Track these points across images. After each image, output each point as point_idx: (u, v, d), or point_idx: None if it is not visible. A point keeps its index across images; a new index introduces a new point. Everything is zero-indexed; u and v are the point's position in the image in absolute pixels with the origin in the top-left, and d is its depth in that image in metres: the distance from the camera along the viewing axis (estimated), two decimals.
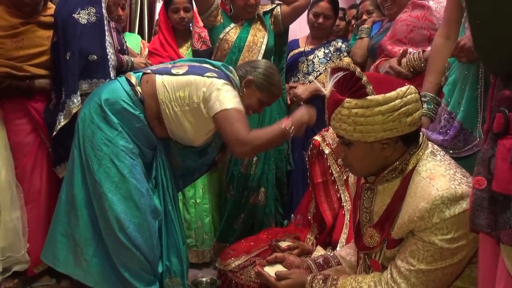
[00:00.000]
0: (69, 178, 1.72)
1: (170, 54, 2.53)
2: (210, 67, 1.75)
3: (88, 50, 1.93)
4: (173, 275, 1.78)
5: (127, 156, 1.65)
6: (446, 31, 1.47)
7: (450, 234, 1.01)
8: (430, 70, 1.47)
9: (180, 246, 1.80)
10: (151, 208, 1.70)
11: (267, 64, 1.84)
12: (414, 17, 1.80)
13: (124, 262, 1.66)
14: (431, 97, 1.43)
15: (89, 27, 1.94)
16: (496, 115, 0.83)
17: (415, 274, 1.07)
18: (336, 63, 1.13)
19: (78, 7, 1.95)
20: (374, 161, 1.14)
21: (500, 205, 0.82)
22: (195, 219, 2.45)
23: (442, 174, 1.06)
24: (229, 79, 1.71)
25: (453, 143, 1.23)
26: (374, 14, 2.68)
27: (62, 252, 1.70)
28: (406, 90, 1.06)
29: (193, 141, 1.77)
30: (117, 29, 2.34)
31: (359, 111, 1.05)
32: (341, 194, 1.78)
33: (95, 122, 1.66)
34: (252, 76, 1.76)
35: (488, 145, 0.86)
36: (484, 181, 0.86)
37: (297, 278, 1.31)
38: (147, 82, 1.71)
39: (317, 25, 2.58)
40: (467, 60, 1.30)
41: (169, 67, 1.78)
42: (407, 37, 1.81)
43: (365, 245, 1.20)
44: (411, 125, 1.07)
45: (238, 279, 1.67)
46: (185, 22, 2.56)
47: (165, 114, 1.69)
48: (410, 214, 1.06)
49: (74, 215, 1.69)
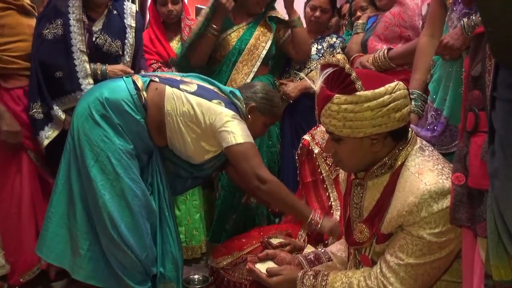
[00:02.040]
0: (66, 171, 1.69)
1: (159, 50, 2.50)
2: (218, 93, 1.75)
3: (54, 67, 1.93)
4: (167, 281, 1.77)
5: (124, 155, 1.64)
6: (431, 30, 1.49)
7: (438, 228, 1.03)
8: (416, 68, 1.50)
9: (175, 253, 1.79)
10: (146, 209, 1.69)
11: (265, 88, 1.87)
12: (392, 14, 1.84)
13: (117, 258, 1.66)
14: (418, 94, 1.45)
15: (54, 42, 1.93)
16: (468, 114, 0.85)
17: (404, 268, 1.08)
18: (326, 59, 1.13)
19: (47, 22, 1.95)
20: (363, 156, 1.15)
21: (476, 200, 0.85)
22: (185, 215, 2.45)
23: (430, 169, 1.07)
24: (237, 108, 1.72)
25: (440, 139, 1.26)
26: (368, 10, 2.68)
27: (59, 244, 1.67)
28: (395, 86, 1.07)
29: (191, 158, 1.78)
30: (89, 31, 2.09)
31: (348, 107, 1.06)
32: (330, 193, 1.79)
33: (94, 118, 1.64)
34: (254, 102, 1.79)
35: (463, 142, 0.89)
36: (463, 177, 0.89)
37: (288, 274, 1.32)
38: (156, 90, 1.70)
39: (313, 18, 2.52)
40: (450, 58, 1.32)
41: (178, 80, 1.76)
42: (383, 34, 1.86)
43: (355, 240, 1.21)
44: (400, 121, 1.08)
45: (230, 276, 1.67)
46: (173, 15, 2.51)
47: (169, 126, 1.69)
48: (399, 209, 1.07)
49: (72, 208, 1.67)
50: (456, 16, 1.34)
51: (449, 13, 1.36)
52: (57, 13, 1.96)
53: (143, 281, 1.71)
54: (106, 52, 2.06)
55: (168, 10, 2.48)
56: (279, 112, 1.91)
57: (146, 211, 1.69)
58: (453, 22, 1.35)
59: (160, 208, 1.78)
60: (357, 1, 2.73)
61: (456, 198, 0.89)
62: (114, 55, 2.09)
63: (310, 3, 2.53)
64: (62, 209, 1.69)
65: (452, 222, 0.93)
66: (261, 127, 1.85)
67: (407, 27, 1.69)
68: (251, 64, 2.31)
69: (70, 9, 1.96)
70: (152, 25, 2.57)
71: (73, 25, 1.95)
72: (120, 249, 1.63)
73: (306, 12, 2.57)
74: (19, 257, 2.00)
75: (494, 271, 0.77)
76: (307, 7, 2.56)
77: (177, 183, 1.92)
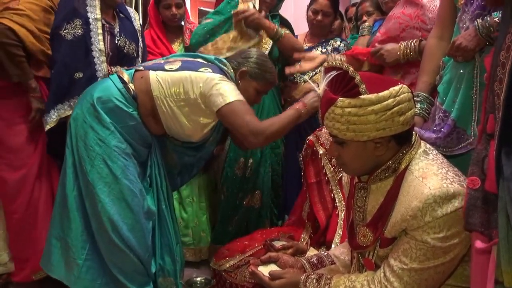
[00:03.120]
0: (62, 179, 1.70)
1: (162, 51, 2.50)
2: (203, 62, 1.74)
3: (74, 69, 1.91)
4: (166, 275, 1.78)
5: (120, 156, 1.64)
6: (440, 32, 1.47)
7: (442, 233, 1.02)
8: (423, 70, 1.48)
9: (173, 246, 1.80)
10: (145, 209, 1.69)
11: (258, 52, 1.84)
12: (407, 16, 1.77)
13: (117, 263, 1.65)
14: (425, 97, 1.44)
15: (74, 42, 1.92)
16: (489, 117, 0.84)
17: (408, 273, 1.07)
18: (329, 62, 1.12)
19: (64, 22, 1.93)
20: (367, 160, 1.14)
21: (492, 204, 0.83)
22: (192, 217, 2.45)
23: (435, 173, 1.06)
24: (224, 73, 1.70)
25: (446, 141, 1.24)
26: (374, 15, 2.67)
27: (55, 256, 1.68)
28: (399, 89, 1.06)
29: (191, 136, 1.76)
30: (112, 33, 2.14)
31: (352, 110, 1.05)
32: (335, 194, 1.78)
33: (87, 122, 1.64)
34: (246, 67, 1.77)
35: (482, 145, 0.87)
36: (478, 181, 0.87)
37: (291, 277, 1.31)
38: (141, 78, 1.70)
39: (316, 22, 2.52)
40: (463, 59, 1.30)
41: (162, 62, 1.76)
42: (400, 36, 1.79)
43: (359, 244, 1.21)
44: (403, 124, 1.07)
45: (233, 279, 1.67)
46: (177, 19, 2.52)
47: (161, 110, 1.68)
48: (402, 213, 1.06)
49: (67, 217, 1.67)
50: (468, 17, 1.32)
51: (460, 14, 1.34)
52: (75, 13, 1.94)
53: (144, 283, 1.71)
54: (126, 54, 2.09)
55: (172, 14, 2.49)
56: (272, 78, 1.84)
57: (146, 211, 1.70)
58: (465, 23, 1.32)
59: (158, 200, 1.78)
60: (364, 6, 2.72)
61: (470, 202, 0.87)
62: (131, 57, 2.12)
63: (312, 7, 2.54)
64: (57, 220, 1.69)
65: (465, 227, 0.91)
66: (253, 94, 1.80)
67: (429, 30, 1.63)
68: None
69: (89, 8, 1.96)
70: (153, 26, 2.55)
71: (92, 25, 1.95)
72: (122, 252, 1.63)
73: (308, 15, 2.57)
74: (34, 254, 1.98)
75: (506, 278, 0.76)
76: (309, 11, 2.56)
77: (184, 172, 1.92)
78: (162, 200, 1.79)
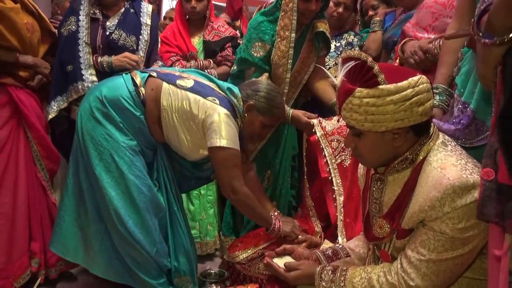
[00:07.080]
0: (75, 170, 1.72)
1: (179, 43, 2.54)
2: (215, 89, 1.72)
3: (67, 62, 2.05)
4: (182, 274, 1.79)
5: (127, 152, 1.65)
6: (458, 24, 1.45)
7: (461, 224, 1.01)
8: (442, 62, 1.46)
9: (188, 246, 1.81)
10: (152, 205, 1.70)
11: (269, 87, 1.78)
12: (440, 4, 1.70)
13: (130, 254, 1.68)
14: (444, 89, 1.42)
15: (68, 38, 2.06)
16: None
17: (426, 264, 1.07)
18: (347, 53, 1.12)
19: (64, 21, 2.11)
20: (384, 151, 1.14)
21: (506, 195, 0.83)
22: (199, 210, 2.46)
23: (454, 164, 1.05)
24: (232, 106, 1.68)
25: (465, 132, 1.23)
26: (379, 8, 2.64)
27: (72, 242, 1.72)
28: (418, 79, 1.05)
29: (187, 155, 1.78)
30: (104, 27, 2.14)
31: (370, 101, 1.05)
32: (333, 178, 1.78)
33: (95, 116, 1.66)
34: (254, 100, 1.73)
35: (495, 137, 0.87)
36: (493, 172, 0.87)
37: (306, 269, 1.31)
38: (153, 86, 1.70)
39: (336, 14, 2.46)
40: None
41: (176, 75, 1.75)
42: (431, 26, 1.72)
43: (375, 235, 1.20)
44: (422, 115, 1.07)
45: (246, 271, 1.68)
46: (196, 12, 2.54)
47: (164, 121, 1.69)
48: (420, 204, 1.06)
49: (83, 207, 1.71)
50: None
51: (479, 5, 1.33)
52: (72, 11, 2.11)
53: (157, 275, 1.72)
54: (121, 46, 2.14)
55: (191, 7, 2.52)
56: (279, 113, 1.82)
57: (153, 207, 1.70)
58: None
59: (169, 202, 1.79)
60: (368, 0, 2.70)
61: (485, 193, 0.88)
62: (129, 50, 2.16)
63: None
64: (73, 208, 1.72)
65: (479, 217, 0.91)
66: (258, 127, 1.78)
67: None
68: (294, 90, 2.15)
69: (82, 6, 2.09)
70: (176, 20, 2.62)
71: (82, 20, 2.07)
72: (131, 245, 1.65)
73: (329, 6, 2.45)
74: (14, 262, 1.93)
75: None
76: (331, 2, 2.45)
77: (182, 181, 1.92)
78: (173, 202, 1.80)
